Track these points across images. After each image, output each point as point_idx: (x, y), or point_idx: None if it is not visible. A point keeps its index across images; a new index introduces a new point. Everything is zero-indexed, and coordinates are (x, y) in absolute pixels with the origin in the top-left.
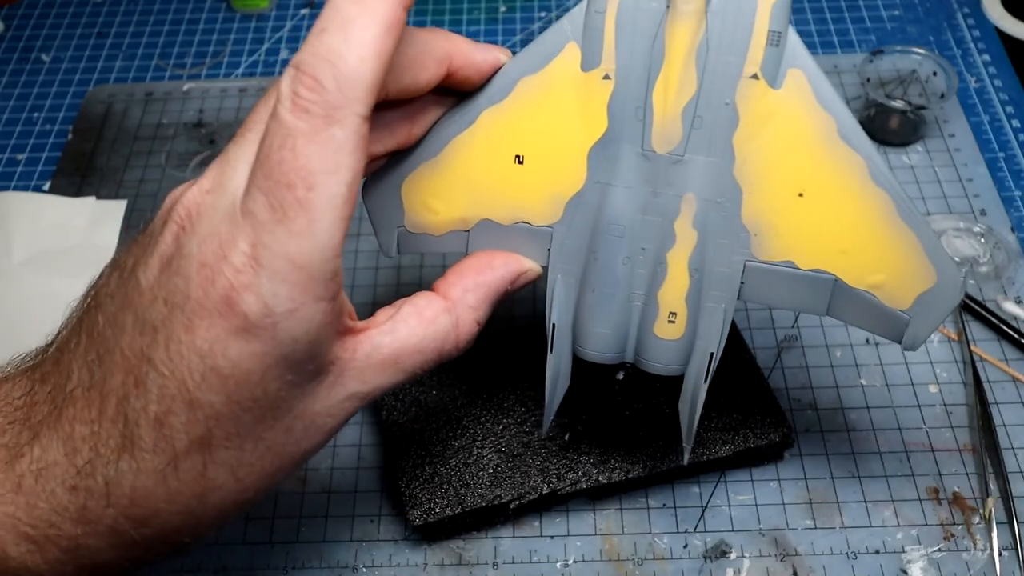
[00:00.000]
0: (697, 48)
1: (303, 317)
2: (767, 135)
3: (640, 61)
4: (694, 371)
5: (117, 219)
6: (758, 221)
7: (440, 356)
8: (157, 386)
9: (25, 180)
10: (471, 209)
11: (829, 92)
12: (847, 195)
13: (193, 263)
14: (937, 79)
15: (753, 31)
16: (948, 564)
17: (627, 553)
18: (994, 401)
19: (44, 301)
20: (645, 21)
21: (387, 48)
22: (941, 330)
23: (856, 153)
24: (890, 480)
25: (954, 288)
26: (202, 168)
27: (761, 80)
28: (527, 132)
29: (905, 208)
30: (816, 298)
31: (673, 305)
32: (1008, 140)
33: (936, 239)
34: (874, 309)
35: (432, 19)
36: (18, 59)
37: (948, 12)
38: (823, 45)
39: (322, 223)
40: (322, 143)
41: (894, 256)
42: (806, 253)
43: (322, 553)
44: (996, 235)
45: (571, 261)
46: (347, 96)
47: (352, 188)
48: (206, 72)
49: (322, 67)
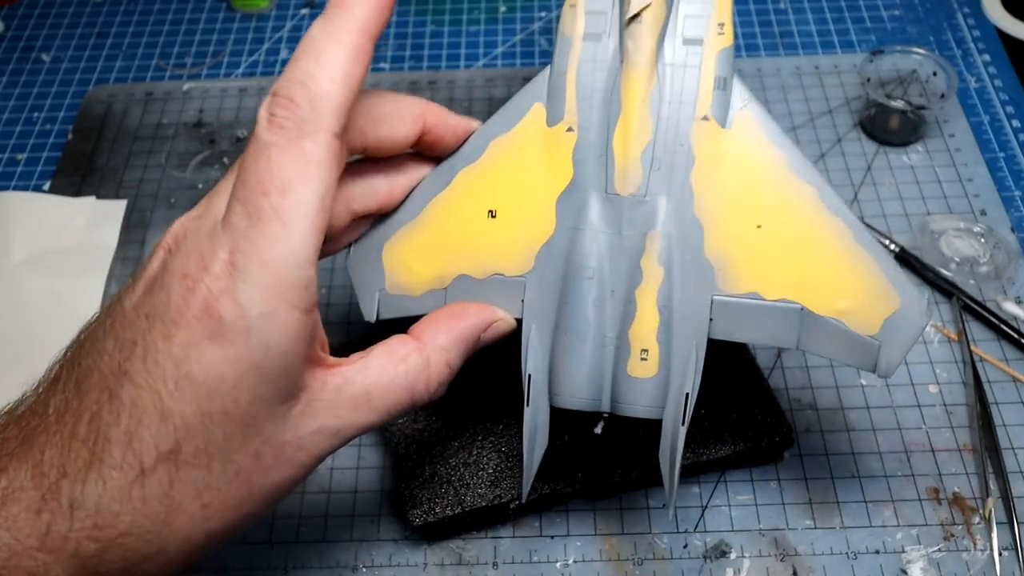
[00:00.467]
0: (651, 97)
1: (276, 323)
2: (722, 172)
3: (599, 112)
4: (671, 415)
5: (117, 219)
6: (721, 255)
7: (412, 396)
8: (130, 398)
9: (25, 180)
10: (448, 266)
11: (776, 130)
12: (804, 225)
13: (176, 277)
14: (937, 79)
15: (701, 78)
16: (948, 564)
17: (627, 553)
18: (994, 401)
19: (44, 301)
20: (602, 77)
21: (355, 71)
22: (941, 330)
23: (808, 184)
24: (890, 480)
25: (919, 310)
26: (202, 168)
27: (712, 121)
28: (499, 188)
29: (861, 235)
30: (786, 329)
31: (644, 343)
32: (1008, 140)
33: (895, 264)
34: (844, 336)
35: (432, 19)
36: (18, 59)
37: (948, 12)
38: (823, 45)
39: (295, 229)
40: (295, 154)
41: (856, 281)
42: (770, 284)
43: (322, 553)
44: (996, 235)
45: (544, 309)
46: (318, 113)
47: (324, 200)
48: (206, 72)
49: (296, 89)
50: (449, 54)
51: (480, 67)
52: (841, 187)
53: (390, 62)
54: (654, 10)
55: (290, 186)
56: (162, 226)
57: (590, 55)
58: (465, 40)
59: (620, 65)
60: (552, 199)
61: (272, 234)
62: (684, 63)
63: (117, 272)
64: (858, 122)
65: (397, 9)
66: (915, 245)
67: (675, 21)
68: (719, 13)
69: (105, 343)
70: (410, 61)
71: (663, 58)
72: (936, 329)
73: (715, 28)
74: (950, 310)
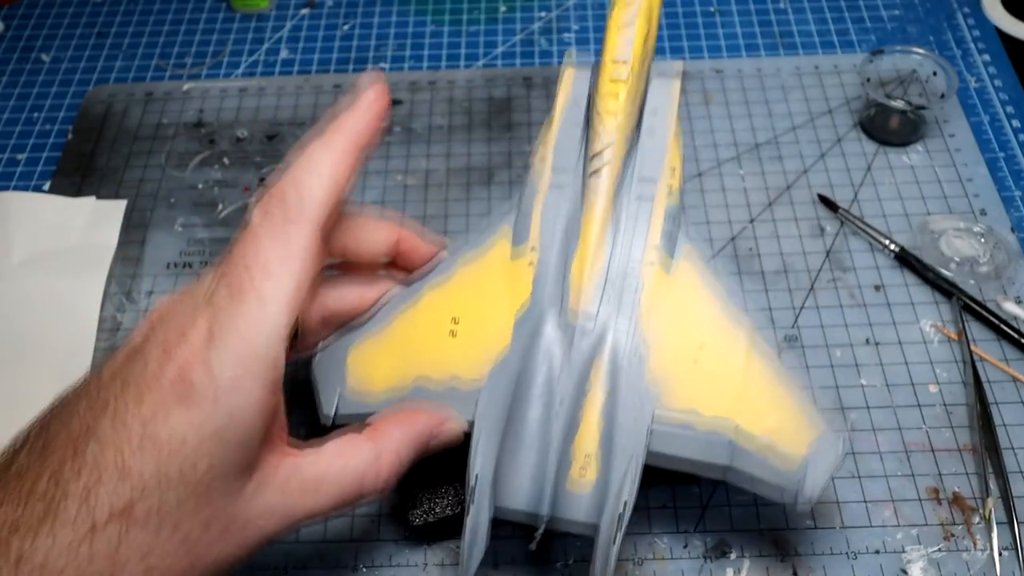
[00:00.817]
0: (607, 237)
1: (242, 393)
2: (667, 305)
3: (560, 246)
4: (606, 523)
5: (117, 219)
6: (662, 377)
7: (361, 487)
8: (93, 455)
9: (25, 180)
10: (407, 374)
11: (712, 272)
12: (736, 355)
13: (156, 346)
14: (937, 79)
15: (649, 230)
16: (948, 564)
17: (627, 553)
18: (994, 401)
19: (44, 301)
20: (564, 217)
21: (341, 175)
22: (941, 330)
23: (740, 320)
24: (890, 480)
25: (838, 439)
26: (202, 168)
27: (658, 265)
28: (462, 305)
29: (782, 370)
30: (718, 449)
31: (586, 451)
32: (1008, 140)
33: (813, 400)
34: (774, 455)
35: (432, 19)
36: (18, 59)
37: (948, 12)
38: (823, 45)
39: (271, 306)
40: (279, 240)
41: (783, 405)
42: (706, 404)
43: (322, 553)
44: (996, 235)
45: (494, 418)
46: (304, 206)
47: (300, 285)
48: (206, 72)
49: (287, 186)
50: (449, 54)
51: (480, 67)
52: (841, 187)
53: (390, 62)
54: (612, 168)
55: (271, 267)
56: (162, 226)
57: (554, 200)
58: (465, 40)
59: (580, 209)
60: (510, 320)
61: (249, 310)
62: (636, 216)
63: (117, 272)
64: (858, 122)
65: (397, 9)
66: (915, 245)
67: (631, 181)
68: (669, 175)
69: (77, 406)
70: (410, 61)
71: (618, 210)
72: (936, 329)
73: (664, 189)
74: (950, 310)
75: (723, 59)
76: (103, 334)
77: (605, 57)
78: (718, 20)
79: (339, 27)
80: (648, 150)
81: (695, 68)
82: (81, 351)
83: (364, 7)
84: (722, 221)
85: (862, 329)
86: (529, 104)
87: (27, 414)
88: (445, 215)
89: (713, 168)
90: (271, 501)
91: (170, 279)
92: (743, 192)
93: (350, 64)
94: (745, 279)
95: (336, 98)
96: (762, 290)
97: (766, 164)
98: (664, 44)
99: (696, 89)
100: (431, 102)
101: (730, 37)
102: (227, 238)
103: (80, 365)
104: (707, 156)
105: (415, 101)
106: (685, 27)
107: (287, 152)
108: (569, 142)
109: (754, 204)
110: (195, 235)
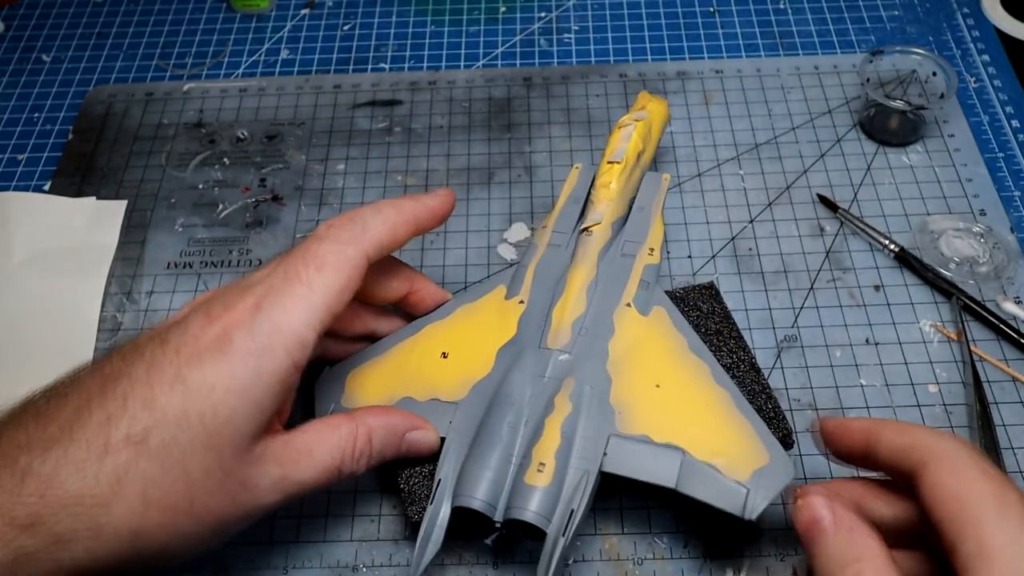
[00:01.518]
0: (589, 285)
1: (273, 358)
2: (635, 344)
3: (547, 293)
4: (555, 525)
5: (117, 219)
6: (622, 403)
7: (342, 460)
8: (123, 391)
9: (25, 180)
10: (396, 390)
11: (681, 320)
12: (694, 389)
13: (200, 316)
14: (937, 79)
15: (629, 279)
16: None
17: (627, 553)
18: (994, 401)
19: (44, 301)
20: (555, 270)
21: (399, 233)
22: (941, 330)
23: (703, 361)
24: None
25: (785, 466)
26: (202, 168)
27: (633, 308)
28: (455, 341)
29: (741, 403)
30: (668, 468)
31: (544, 457)
32: (1008, 140)
33: (767, 430)
34: (717, 481)
35: (432, 19)
36: (18, 59)
37: (948, 12)
38: (823, 45)
39: (317, 296)
40: (338, 250)
41: (733, 437)
42: (661, 430)
43: (322, 553)
44: (996, 235)
45: (466, 429)
46: (364, 235)
47: (343, 292)
48: (206, 72)
49: (355, 216)
50: (449, 54)
51: (480, 67)
52: (841, 187)
53: (390, 62)
54: (602, 229)
55: (326, 267)
56: (162, 226)
57: (549, 256)
58: (465, 40)
59: (570, 262)
60: (495, 349)
61: (297, 291)
62: (620, 269)
63: (117, 272)
64: (858, 122)
65: (397, 9)
66: (915, 245)
67: (618, 242)
68: (652, 242)
69: (109, 359)
70: (410, 61)
71: (604, 264)
72: (936, 329)
73: (647, 251)
74: (950, 310)
75: (723, 59)
76: (103, 334)
77: (605, 154)
78: (718, 20)
79: (339, 27)
80: (635, 222)
81: (695, 68)
82: (81, 351)
83: (364, 7)
84: (722, 221)
85: (862, 329)
86: (529, 104)
87: None
88: None
89: (713, 168)
90: (268, 468)
91: (170, 279)
92: (743, 192)
93: (350, 64)
94: (745, 279)
95: (336, 98)
96: (762, 290)
97: (766, 164)
98: (664, 44)
99: (696, 89)
100: (431, 102)
101: (730, 37)
102: (227, 238)
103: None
104: (707, 156)
105: (415, 101)
106: (685, 27)
107: (288, 152)
108: (570, 215)
109: (754, 204)
110: (195, 235)
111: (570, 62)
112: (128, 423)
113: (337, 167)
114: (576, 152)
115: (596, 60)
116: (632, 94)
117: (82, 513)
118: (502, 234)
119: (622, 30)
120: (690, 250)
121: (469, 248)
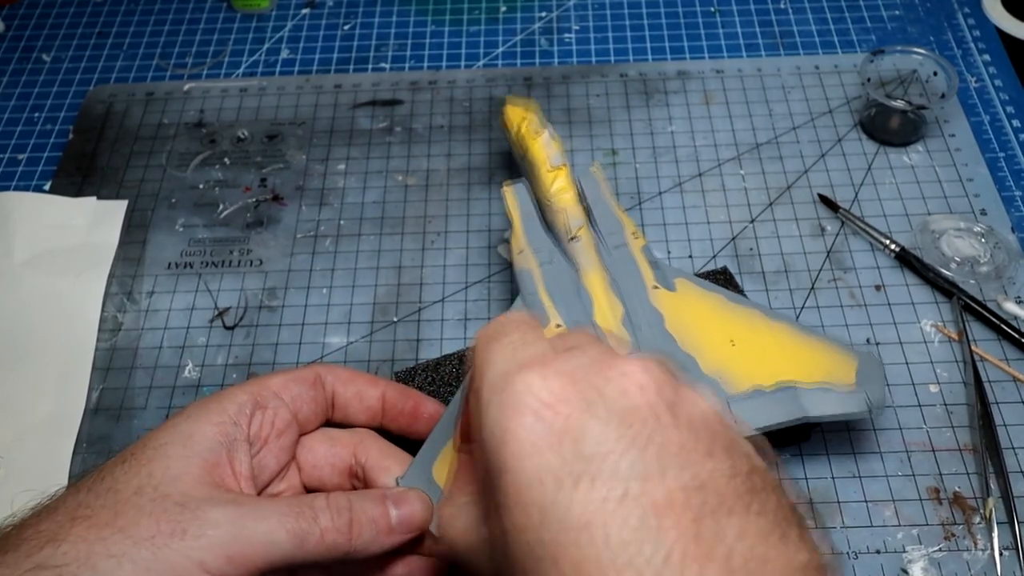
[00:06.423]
0: (609, 285)
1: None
2: (686, 318)
3: (576, 307)
4: None
5: (118, 219)
6: (716, 369)
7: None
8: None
9: (26, 180)
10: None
11: (703, 281)
12: (763, 333)
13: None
14: (937, 79)
15: (638, 265)
16: (948, 564)
17: None
18: (994, 401)
19: (45, 301)
20: (567, 283)
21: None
22: (942, 330)
23: (748, 307)
24: (890, 480)
25: (873, 358)
26: (203, 168)
27: (661, 289)
28: None
29: (801, 327)
30: (793, 405)
31: None
32: (1008, 140)
33: (834, 338)
34: (835, 396)
35: (432, 19)
36: (18, 59)
37: (948, 12)
38: (823, 45)
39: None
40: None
41: (820, 356)
42: (763, 377)
43: None
44: (996, 235)
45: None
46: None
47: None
48: (206, 72)
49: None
50: (449, 54)
51: (480, 67)
52: (841, 187)
53: (390, 62)
54: (586, 232)
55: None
56: (163, 226)
57: (549, 275)
58: (465, 40)
59: (577, 272)
60: None
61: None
62: (622, 260)
63: (118, 272)
64: (858, 122)
65: (397, 9)
66: (915, 245)
67: (601, 239)
68: (629, 226)
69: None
70: (411, 61)
71: (605, 261)
72: (937, 329)
73: (631, 235)
74: (950, 310)
75: (723, 59)
76: (103, 334)
77: (539, 164)
78: (718, 20)
79: (339, 27)
80: (602, 215)
81: (695, 68)
82: (81, 351)
83: (364, 7)
84: (722, 221)
85: (862, 329)
86: None
87: (27, 414)
88: (446, 215)
89: (713, 168)
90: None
91: (171, 279)
92: (743, 192)
93: (350, 64)
94: (746, 279)
95: (337, 98)
96: (763, 290)
97: (766, 164)
98: (665, 44)
99: (696, 89)
100: (431, 102)
101: (730, 37)
102: (228, 238)
103: (80, 365)
104: (707, 156)
105: (415, 101)
106: (686, 27)
107: (288, 152)
108: (536, 231)
109: (754, 204)
110: (196, 235)
111: (571, 62)
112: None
113: (338, 167)
114: (576, 152)
115: (597, 60)
116: (632, 94)
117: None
118: (502, 234)
119: (623, 30)
120: (691, 250)
121: (469, 248)
